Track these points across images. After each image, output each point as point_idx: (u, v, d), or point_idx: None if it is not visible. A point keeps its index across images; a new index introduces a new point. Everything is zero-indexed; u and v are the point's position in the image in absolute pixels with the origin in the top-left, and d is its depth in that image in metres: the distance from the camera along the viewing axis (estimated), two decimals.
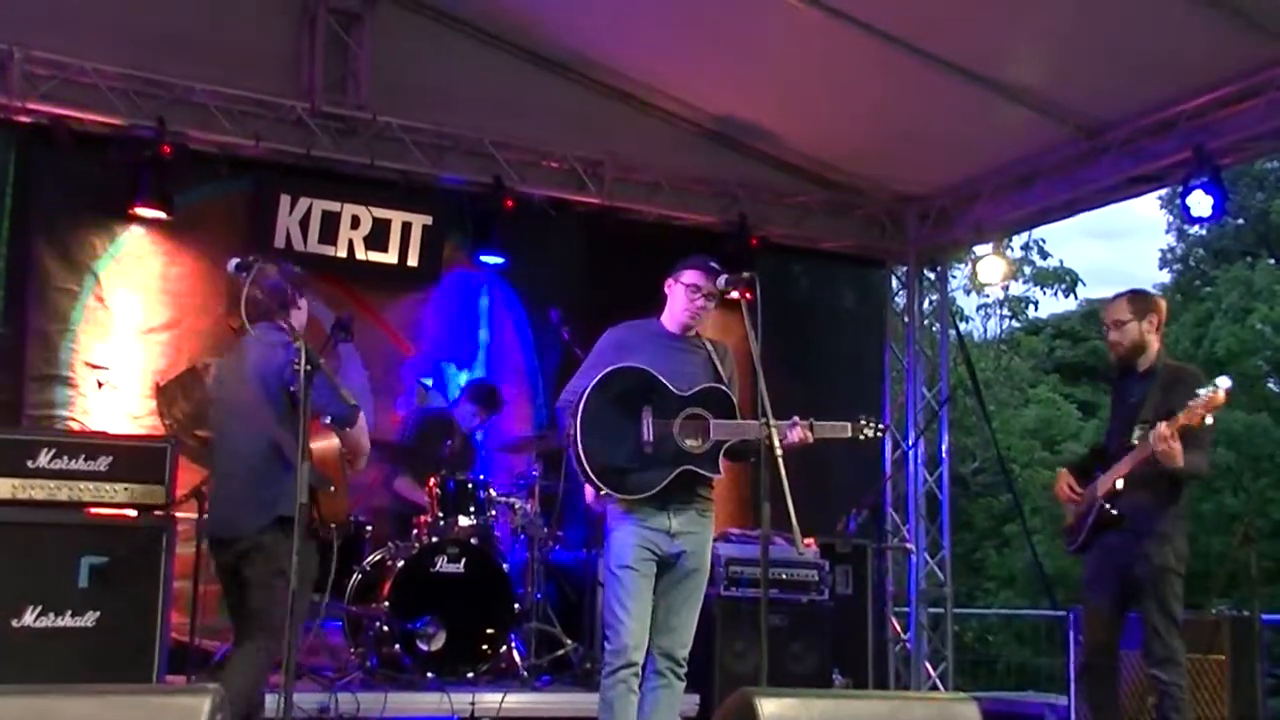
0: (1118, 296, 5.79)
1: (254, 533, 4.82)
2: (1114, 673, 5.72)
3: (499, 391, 7.96)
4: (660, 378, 4.88)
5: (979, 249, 10.03)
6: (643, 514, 4.84)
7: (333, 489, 4.98)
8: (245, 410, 4.98)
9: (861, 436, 5.02)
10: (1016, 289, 22.07)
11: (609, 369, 4.87)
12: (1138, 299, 5.71)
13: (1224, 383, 5.12)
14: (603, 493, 4.83)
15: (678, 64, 8.51)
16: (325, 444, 4.96)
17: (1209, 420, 5.19)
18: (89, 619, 5.32)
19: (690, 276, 5.00)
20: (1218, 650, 6.54)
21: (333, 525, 5.08)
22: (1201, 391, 5.14)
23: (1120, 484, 5.44)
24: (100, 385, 7.54)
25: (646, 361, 4.92)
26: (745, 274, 4.93)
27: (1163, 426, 5.18)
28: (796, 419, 4.81)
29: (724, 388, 4.96)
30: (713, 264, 5.01)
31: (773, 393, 4.62)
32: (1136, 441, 5.40)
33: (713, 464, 4.87)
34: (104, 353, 7.61)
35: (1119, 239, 44.56)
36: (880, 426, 5.09)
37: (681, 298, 5.02)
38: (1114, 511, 5.47)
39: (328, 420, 4.97)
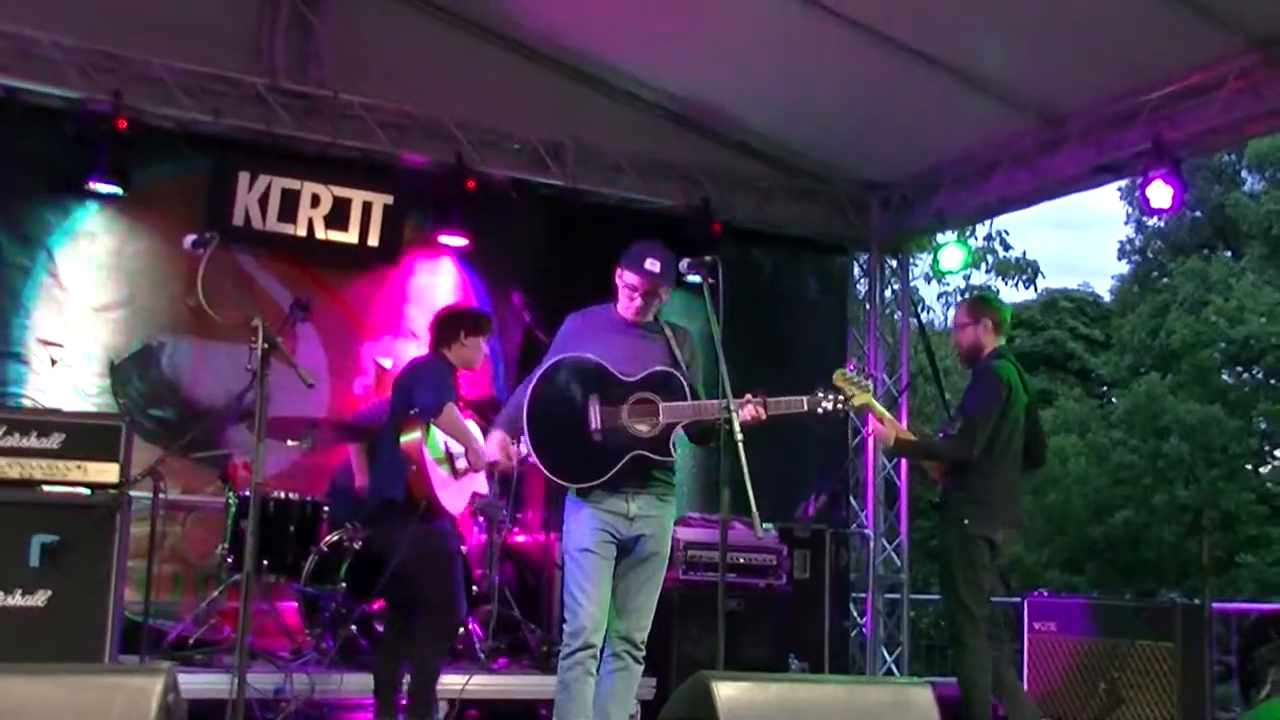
0: (960, 303, 6.32)
1: None
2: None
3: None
4: (606, 365, 4.85)
5: (940, 237, 10.07)
6: (600, 499, 4.83)
7: (414, 468, 5.61)
8: None
9: (820, 410, 4.92)
10: (978, 278, 22.19)
11: (553, 361, 4.88)
12: (974, 304, 6.39)
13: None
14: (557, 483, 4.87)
15: (642, 47, 8.48)
16: (409, 437, 5.64)
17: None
18: (40, 598, 5.24)
19: (629, 278, 4.94)
20: (1168, 637, 6.61)
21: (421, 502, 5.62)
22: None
23: (936, 471, 6.07)
24: (54, 363, 7.46)
25: (602, 349, 4.90)
26: (707, 258, 4.92)
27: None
28: (749, 396, 4.76)
29: (673, 371, 4.90)
30: (650, 260, 4.91)
31: (734, 377, 4.62)
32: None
33: (664, 447, 4.83)
34: (58, 330, 7.52)
35: (1078, 230, 45.03)
36: (840, 399, 4.98)
37: (622, 296, 5.00)
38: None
39: (414, 411, 5.61)
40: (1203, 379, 21.22)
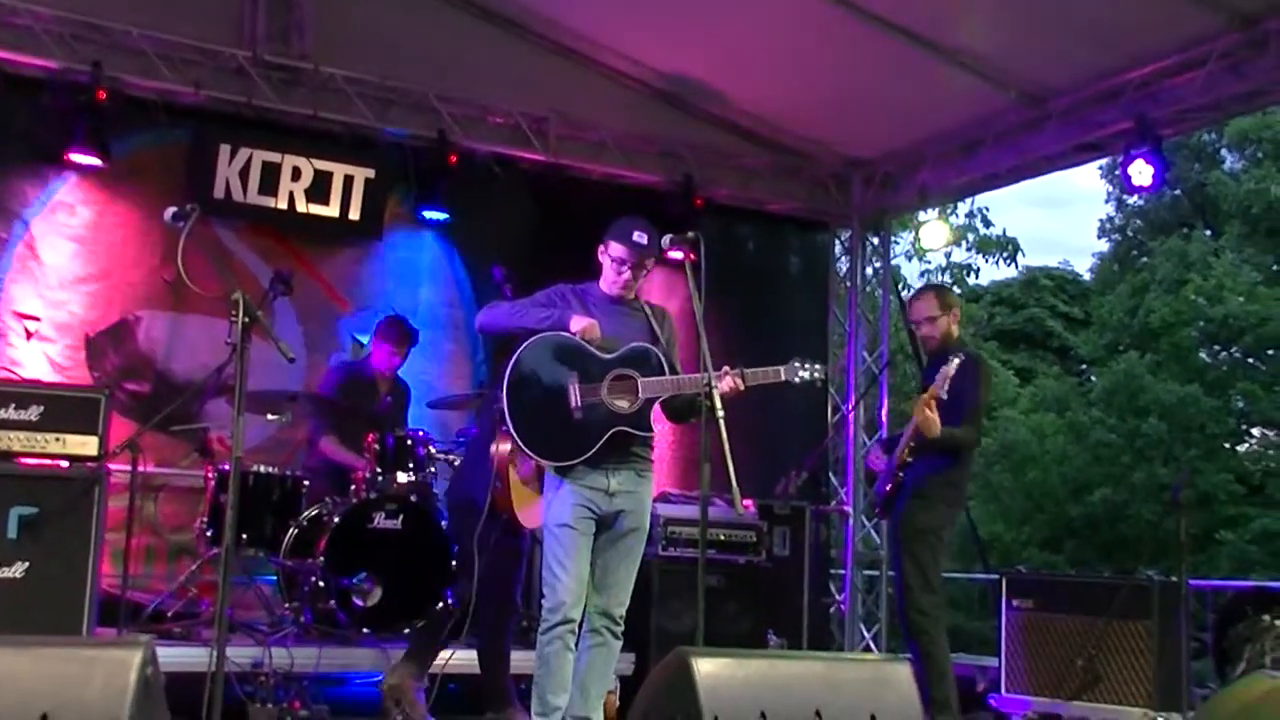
0: (922, 293, 6.61)
1: None
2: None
3: (407, 323, 7.62)
4: (584, 343, 4.89)
5: (922, 215, 10.08)
6: (581, 475, 4.87)
7: (499, 484, 5.59)
8: None
9: (796, 379, 4.91)
10: (959, 255, 22.22)
11: (532, 341, 4.91)
12: (945, 294, 6.53)
13: (954, 360, 5.75)
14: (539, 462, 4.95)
15: (626, 22, 8.44)
16: (502, 448, 5.62)
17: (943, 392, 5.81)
18: (17, 570, 5.23)
19: (615, 250, 4.99)
20: (1145, 614, 6.65)
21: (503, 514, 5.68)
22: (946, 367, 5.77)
23: (908, 455, 6.04)
24: (30, 335, 7.42)
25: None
26: (690, 234, 4.93)
27: (920, 400, 5.90)
28: (727, 368, 4.78)
29: (651, 346, 4.94)
30: (638, 233, 4.95)
31: (715, 354, 4.62)
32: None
33: (645, 423, 4.88)
34: (34, 303, 7.47)
35: (1059, 208, 45.15)
36: (817, 368, 4.94)
37: (609, 270, 5.03)
38: (901, 478, 6.10)
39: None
40: (1181, 358, 21.30)
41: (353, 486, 6.83)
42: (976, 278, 25.06)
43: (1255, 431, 22.64)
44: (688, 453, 8.36)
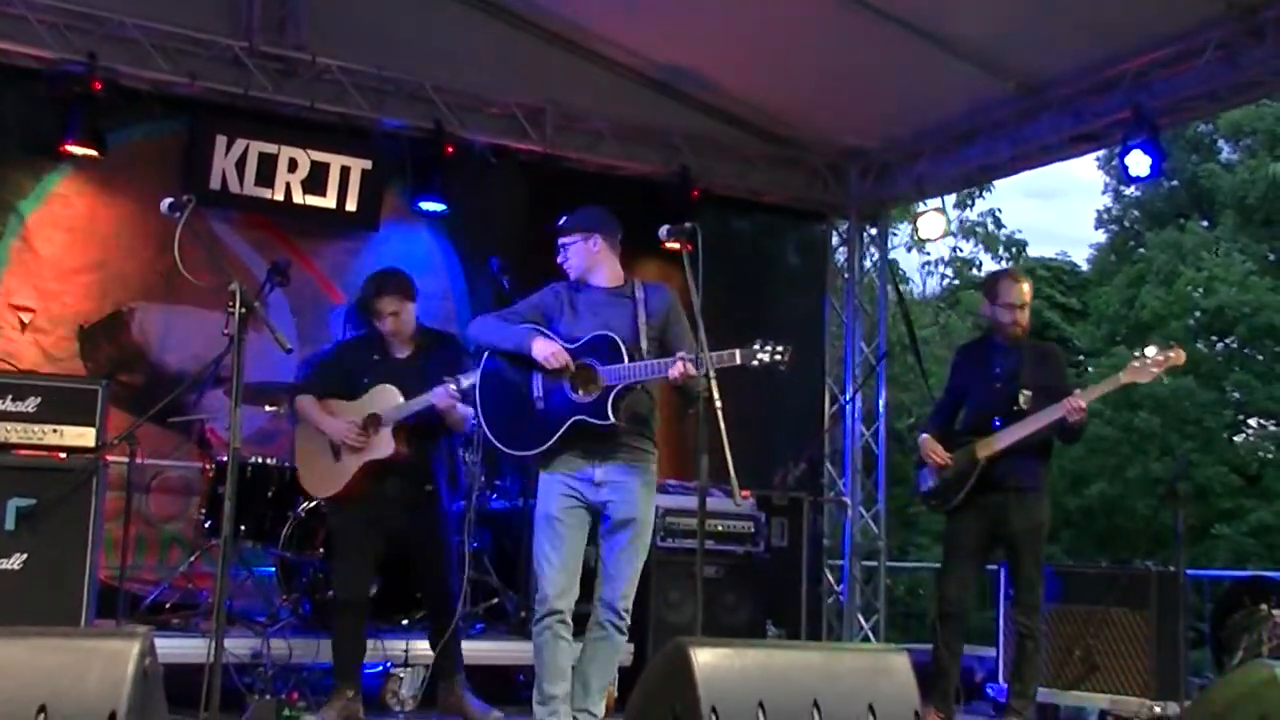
0: (1008, 276, 6.30)
1: None
2: (966, 621, 6.26)
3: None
4: (549, 335, 4.95)
5: (925, 205, 10.07)
6: (564, 465, 4.92)
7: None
8: None
9: (754, 363, 4.69)
10: (966, 249, 22.31)
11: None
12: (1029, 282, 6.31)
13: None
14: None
15: (622, 12, 8.42)
16: None
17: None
18: (16, 561, 5.23)
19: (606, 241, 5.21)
20: (1143, 604, 6.65)
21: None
22: (1150, 352, 5.68)
23: (1000, 448, 5.91)
24: (24, 327, 7.40)
25: (571, 320, 5.01)
26: (687, 225, 4.92)
27: (1078, 397, 5.75)
28: (680, 354, 4.72)
29: (613, 334, 4.90)
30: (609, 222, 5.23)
31: (712, 345, 4.61)
32: (1026, 407, 5.89)
33: (603, 412, 4.83)
34: (28, 294, 7.45)
35: (1056, 199, 45.03)
36: (779, 350, 4.69)
37: (604, 258, 5.19)
38: (994, 473, 5.93)
39: None
40: None
41: None
42: (979, 270, 25.13)
43: (1252, 422, 22.63)
44: (684, 443, 8.33)
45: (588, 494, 4.91)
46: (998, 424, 5.95)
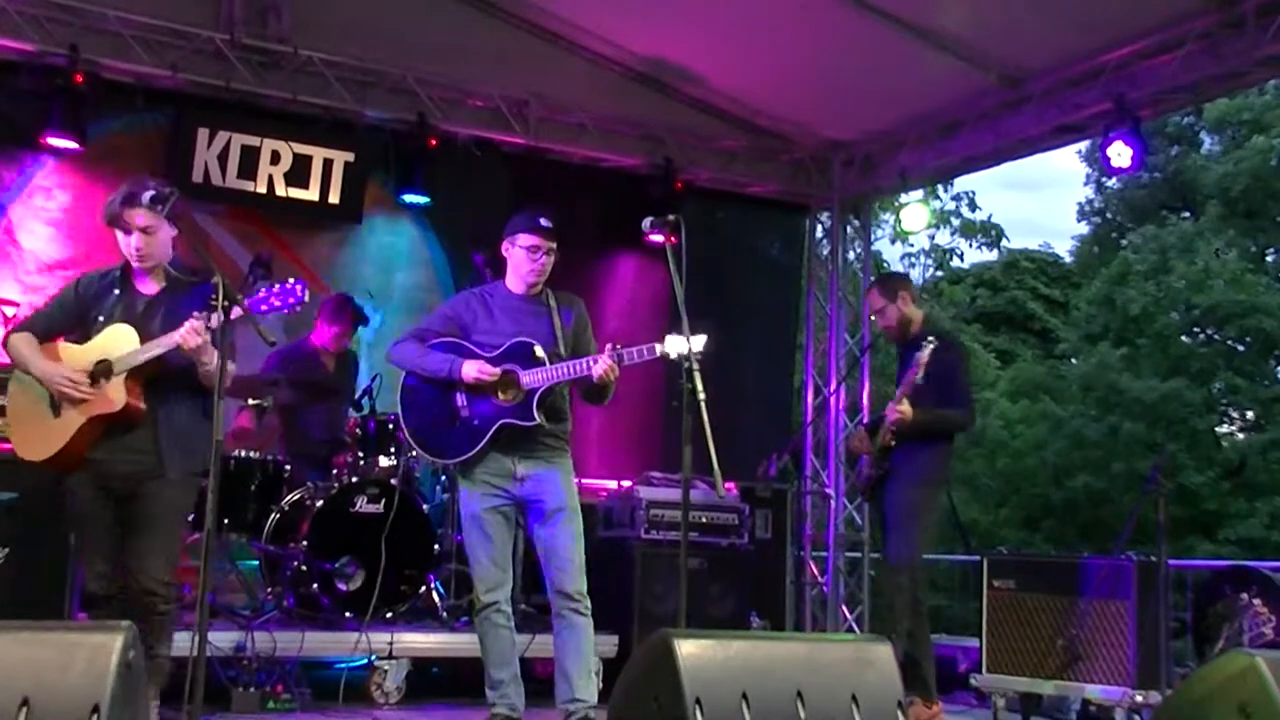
0: (869, 291, 6.65)
1: None
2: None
3: (355, 303, 7.53)
4: (469, 345, 5.04)
5: (903, 197, 10.08)
6: (486, 463, 5.02)
7: None
8: None
9: (674, 354, 4.67)
10: (943, 239, 22.31)
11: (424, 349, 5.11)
12: (884, 284, 6.49)
13: (928, 345, 5.83)
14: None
15: (606, 4, 8.43)
16: None
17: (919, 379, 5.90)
18: None
19: (526, 239, 5.08)
20: (1124, 594, 6.68)
21: None
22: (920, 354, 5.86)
23: (891, 440, 6.13)
24: (7, 321, 7.36)
25: (489, 324, 5.07)
26: (670, 217, 4.93)
27: (893, 403, 6.03)
28: (610, 347, 4.84)
29: (530, 340, 5.00)
30: (542, 219, 5.08)
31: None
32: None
33: (528, 413, 4.95)
34: (11, 288, 7.43)
35: (1037, 190, 45.22)
36: (700, 338, 4.61)
37: (523, 260, 5.10)
38: (889, 462, 6.20)
39: None
40: (1163, 347, 21.22)
41: (334, 470, 6.83)
42: (961, 260, 25.16)
43: (1234, 413, 22.69)
44: (668, 435, 8.35)
45: (510, 488, 5.03)
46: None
